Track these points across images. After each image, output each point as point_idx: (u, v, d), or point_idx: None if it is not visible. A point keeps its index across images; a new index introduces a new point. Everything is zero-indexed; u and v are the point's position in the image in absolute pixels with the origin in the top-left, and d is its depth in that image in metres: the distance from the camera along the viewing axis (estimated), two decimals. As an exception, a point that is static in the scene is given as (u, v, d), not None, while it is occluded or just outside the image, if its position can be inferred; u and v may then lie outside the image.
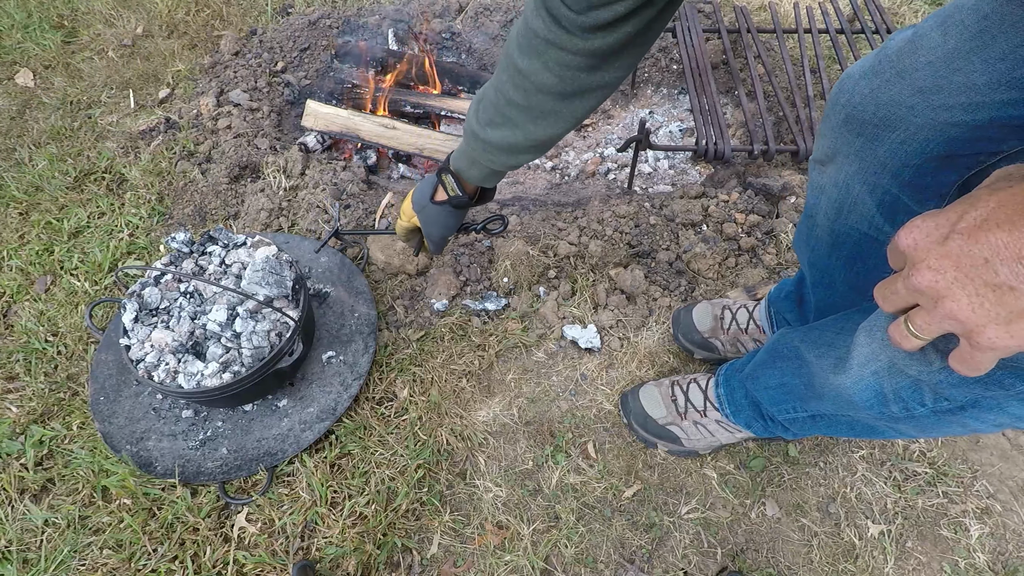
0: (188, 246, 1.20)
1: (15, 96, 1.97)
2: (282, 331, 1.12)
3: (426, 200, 1.06)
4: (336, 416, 1.20)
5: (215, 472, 1.15)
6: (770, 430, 1.04)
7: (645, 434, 1.19)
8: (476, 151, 0.91)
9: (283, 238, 1.48)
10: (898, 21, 2.09)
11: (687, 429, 1.15)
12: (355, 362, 1.27)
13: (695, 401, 1.15)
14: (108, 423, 1.22)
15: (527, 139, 0.83)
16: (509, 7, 2.04)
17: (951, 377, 0.57)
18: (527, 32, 0.71)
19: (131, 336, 1.11)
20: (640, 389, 1.22)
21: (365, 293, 1.36)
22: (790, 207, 1.51)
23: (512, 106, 0.79)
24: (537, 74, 0.73)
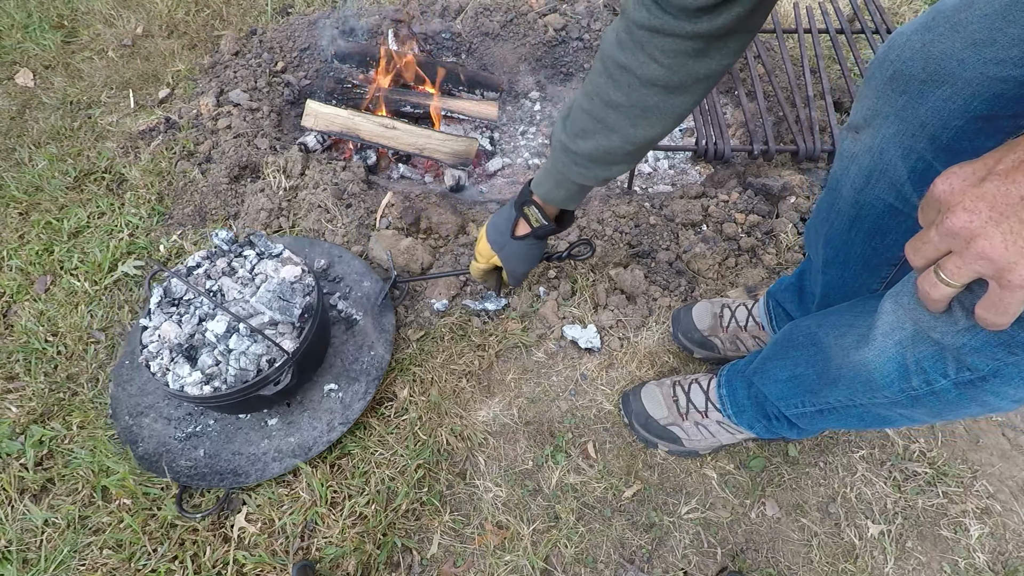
0: (228, 245, 1.21)
1: (15, 96, 1.97)
2: (276, 358, 1.07)
3: (505, 237, 1.02)
4: (307, 456, 1.15)
5: (183, 472, 1.15)
6: (773, 430, 1.04)
7: (646, 434, 1.19)
8: (566, 167, 0.89)
9: (336, 251, 1.44)
10: (898, 21, 2.09)
11: (688, 430, 1.15)
12: (349, 405, 1.21)
13: (696, 402, 1.14)
14: (121, 388, 1.25)
15: (625, 143, 0.82)
16: (509, 7, 2.05)
17: (975, 339, 0.57)
18: (627, 27, 0.71)
19: (151, 318, 1.12)
20: (642, 389, 1.22)
21: (388, 333, 1.30)
22: (790, 207, 1.51)
23: (611, 108, 0.78)
24: (643, 66, 0.72)
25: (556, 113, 2.04)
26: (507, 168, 1.91)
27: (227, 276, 1.16)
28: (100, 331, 1.39)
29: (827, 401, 0.87)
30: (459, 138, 1.70)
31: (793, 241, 1.46)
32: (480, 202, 1.67)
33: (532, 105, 2.06)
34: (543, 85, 2.07)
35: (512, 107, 2.06)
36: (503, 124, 2.01)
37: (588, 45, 2.02)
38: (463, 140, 1.70)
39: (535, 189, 0.98)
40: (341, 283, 1.39)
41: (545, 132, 2.00)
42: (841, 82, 1.82)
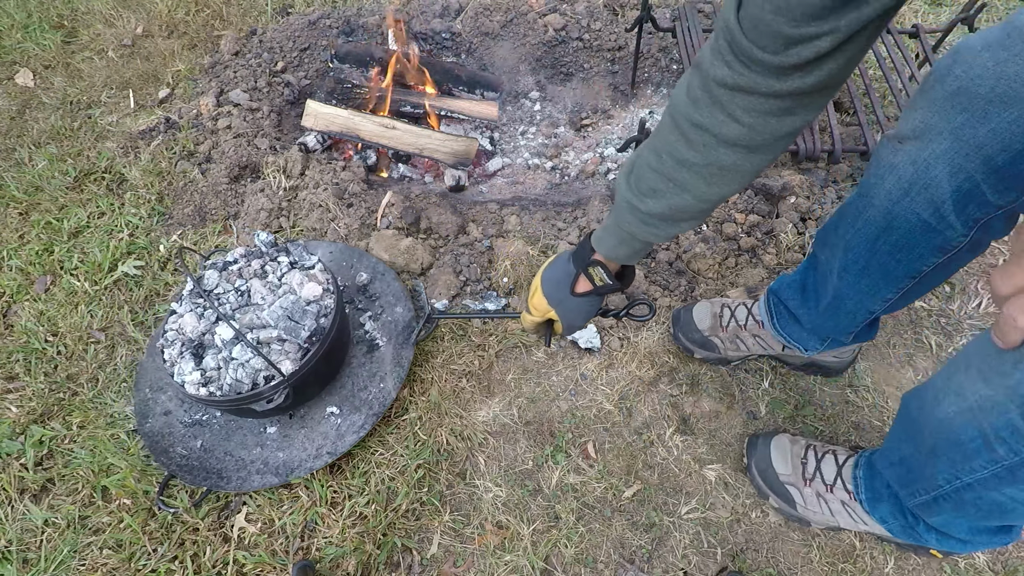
0: (267, 247, 1.21)
1: (15, 96, 1.97)
2: (273, 377, 1.06)
3: (564, 293, 0.98)
4: (286, 479, 1.13)
5: (175, 460, 1.16)
6: (910, 531, 0.96)
7: (761, 482, 1.13)
8: (632, 225, 0.84)
9: (380, 268, 1.40)
10: (898, 21, 2.09)
11: (807, 496, 1.09)
12: (342, 435, 1.18)
13: (826, 473, 1.08)
14: (151, 358, 1.27)
15: (698, 201, 0.77)
16: (509, 7, 2.05)
17: None
18: (704, 83, 0.67)
19: (181, 305, 1.13)
20: (774, 437, 1.16)
21: (402, 368, 1.26)
22: (790, 207, 1.51)
23: (684, 167, 0.74)
24: (721, 126, 0.68)
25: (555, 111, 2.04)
26: (507, 168, 1.91)
27: (258, 278, 1.16)
28: (100, 331, 1.39)
29: (935, 482, 0.83)
30: (459, 138, 1.70)
31: (793, 241, 1.46)
32: (480, 202, 1.67)
33: (532, 105, 2.06)
34: (543, 85, 2.07)
35: (512, 107, 2.06)
36: (503, 124, 2.01)
37: (588, 45, 2.02)
38: (463, 140, 1.70)
39: (596, 246, 0.92)
40: (376, 302, 1.36)
41: (545, 132, 2.00)
42: (841, 82, 1.82)
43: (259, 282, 1.15)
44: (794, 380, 1.30)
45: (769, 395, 1.28)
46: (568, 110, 2.05)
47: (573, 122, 2.04)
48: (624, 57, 2.01)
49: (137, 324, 1.41)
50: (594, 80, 2.04)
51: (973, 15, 1.62)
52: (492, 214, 1.57)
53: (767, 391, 1.28)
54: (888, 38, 1.64)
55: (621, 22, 2.03)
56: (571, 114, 2.05)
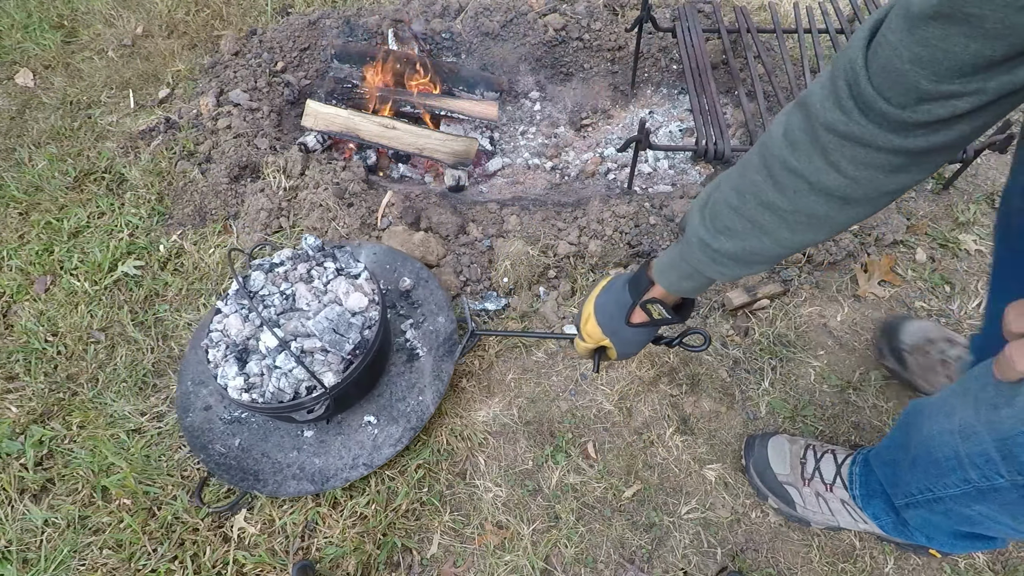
0: (314, 251, 1.20)
1: (15, 96, 1.97)
2: (315, 388, 1.05)
3: (619, 323, 0.94)
4: (322, 488, 1.12)
5: (213, 457, 1.16)
6: (902, 529, 0.96)
7: (759, 483, 1.13)
8: (702, 263, 0.79)
9: (424, 275, 1.38)
10: (898, 21, 2.09)
11: (806, 496, 1.08)
12: (379, 447, 1.17)
13: (825, 472, 1.07)
14: (195, 351, 1.28)
15: (776, 246, 0.71)
16: (509, 7, 2.04)
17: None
18: (809, 126, 0.60)
19: (226, 304, 1.13)
20: (771, 437, 1.15)
21: (442, 383, 1.24)
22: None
23: (767, 209, 0.68)
24: (819, 173, 0.61)
25: (555, 111, 2.04)
26: (507, 168, 1.91)
27: (303, 282, 1.16)
28: (100, 331, 1.39)
29: (910, 489, 0.83)
30: (459, 138, 1.70)
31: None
32: (480, 202, 1.67)
33: (532, 105, 2.06)
34: (543, 85, 2.07)
35: (512, 107, 2.06)
36: (503, 124, 2.01)
37: (588, 45, 2.02)
38: (463, 140, 1.70)
39: (658, 279, 0.87)
40: (418, 310, 1.35)
41: (545, 132, 2.00)
42: (841, 82, 1.82)
43: (304, 286, 1.14)
44: (794, 380, 1.30)
45: (769, 395, 1.28)
46: (568, 110, 2.05)
47: (573, 122, 2.04)
48: (624, 57, 2.01)
49: (137, 324, 1.41)
50: (594, 80, 2.04)
51: (973, 15, 1.62)
52: (492, 214, 1.57)
53: (767, 391, 1.28)
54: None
55: (621, 22, 2.03)
56: (571, 114, 2.05)
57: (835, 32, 1.69)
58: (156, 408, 1.29)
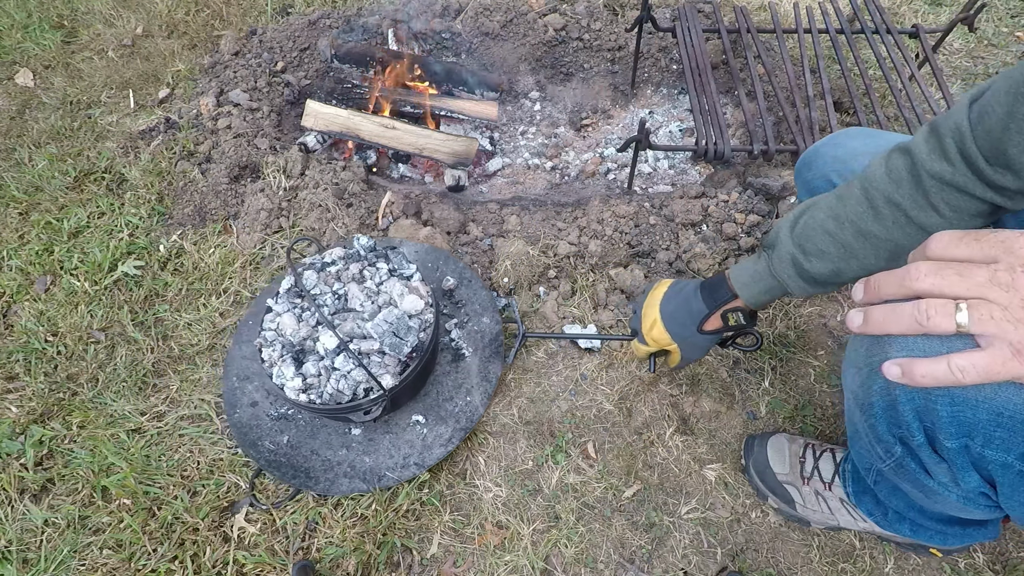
0: (366, 251, 1.20)
1: (15, 96, 1.97)
2: (374, 388, 1.05)
3: (689, 330, 0.98)
4: (376, 485, 1.12)
5: (263, 454, 1.16)
6: (890, 520, 0.96)
7: (759, 483, 1.13)
8: (790, 279, 0.85)
9: (467, 274, 1.38)
10: (898, 21, 2.09)
11: (805, 496, 1.09)
12: (429, 447, 1.16)
13: (824, 471, 1.08)
14: (239, 346, 1.28)
15: (860, 271, 0.79)
16: (509, 7, 2.04)
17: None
18: (914, 171, 0.69)
19: (277, 302, 1.13)
20: (771, 437, 1.16)
21: (490, 384, 1.23)
22: (790, 207, 1.51)
23: (863, 237, 0.76)
24: (918, 210, 0.70)
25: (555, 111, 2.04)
26: (507, 168, 1.91)
27: (356, 282, 1.16)
28: (100, 331, 1.39)
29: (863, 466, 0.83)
30: (459, 138, 1.70)
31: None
32: (480, 202, 1.67)
33: (532, 105, 2.06)
34: (543, 85, 2.07)
35: (512, 107, 2.06)
36: (503, 124, 2.01)
37: (588, 45, 2.02)
38: (463, 140, 1.70)
39: (740, 291, 0.92)
40: (462, 309, 1.34)
41: (545, 132, 2.00)
42: (841, 82, 1.82)
43: (356, 286, 1.14)
44: (794, 380, 1.30)
45: (769, 395, 1.28)
46: (568, 110, 2.05)
47: (573, 122, 2.04)
48: (624, 57, 2.01)
49: (137, 324, 1.41)
50: (594, 80, 2.04)
51: (973, 15, 1.62)
52: (492, 214, 1.57)
53: (767, 391, 1.28)
54: (888, 38, 1.64)
55: (621, 22, 2.03)
56: (571, 114, 2.05)
57: (835, 32, 1.69)
58: (156, 408, 1.29)
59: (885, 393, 0.62)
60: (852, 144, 0.96)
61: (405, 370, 1.08)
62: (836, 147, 0.97)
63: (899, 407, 0.61)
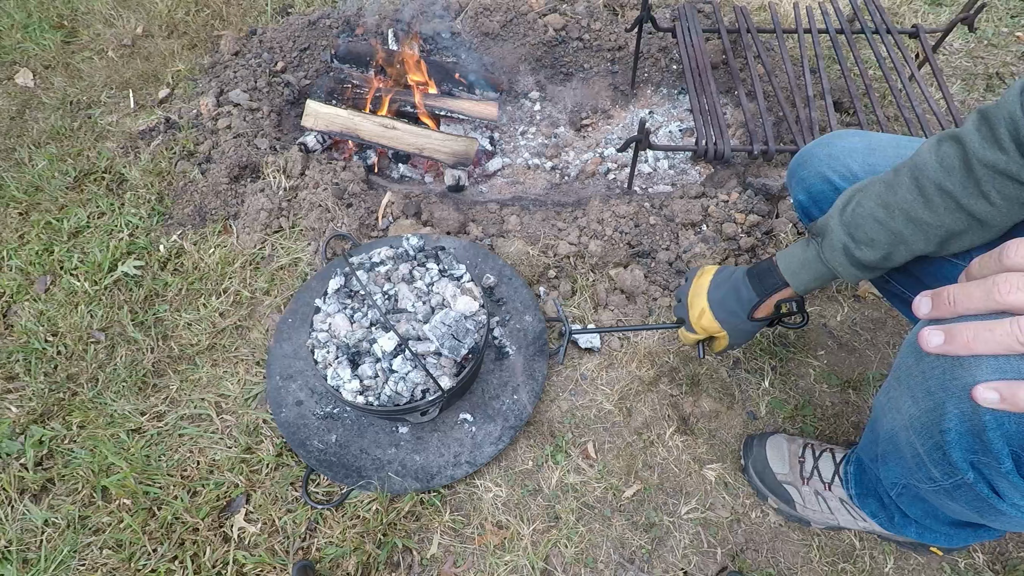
0: (415, 251, 1.20)
1: (15, 96, 1.97)
2: (430, 390, 1.05)
3: (740, 317, 0.99)
4: (427, 486, 1.13)
5: (313, 454, 1.16)
6: (896, 524, 0.96)
7: (759, 483, 1.13)
8: (841, 267, 0.86)
9: (507, 272, 1.38)
10: (898, 21, 2.09)
11: (805, 495, 1.09)
12: (479, 445, 1.17)
13: (823, 471, 1.08)
14: (280, 345, 1.28)
15: (908, 255, 0.81)
16: (509, 7, 2.04)
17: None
18: (966, 160, 0.70)
19: (326, 302, 1.13)
20: (769, 437, 1.16)
21: (537, 383, 1.23)
22: (789, 207, 1.51)
23: (913, 224, 0.77)
24: (970, 197, 0.71)
25: (555, 111, 2.04)
26: (507, 168, 1.91)
27: (405, 283, 1.15)
28: (100, 331, 1.39)
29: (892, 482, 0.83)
30: (459, 138, 1.70)
31: (793, 241, 1.46)
32: (480, 202, 1.67)
33: (532, 105, 2.06)
34: (543, 85, 2.07)
35: (512, 107, 2.06)
36: (503, 124, 2.01)
37: (588, 45, 2.02)
38: (463, 140, 1.70)
39: (791, 280, 0.93)
40: (503, 307, 1.34)
41: (545, 132, 2.00)
42: (841, 82, 1.82)
43: (406, 287, 1.14)
44: (794, 380, 1.30)
45: (769, 395, 1.28)
46: (568, 110, 2.05)
47: (573, 122, 2.04)
48: (624, 57, 2.01)
49: (137, 324, 1.41)
50: (594, 80, 2.04)
51: (973, 15, 1.62)
52: (492, 214, 1.57)
53: (767, 391, 1.28)
54: (888, 38, 1.64)
55: (621, 22, 2.03)
56: (571, 114, 2.05)
57: (835, 32, 1.69)
58: (156, 408, 1.29)
59: (966, 419, 0.59)
60: (844, 143, 0.97)
61: (461, 371, 1.08)
62: (829, 146, 0.98)
63: (986, 434, 0.58)
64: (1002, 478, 0.60)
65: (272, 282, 1.45)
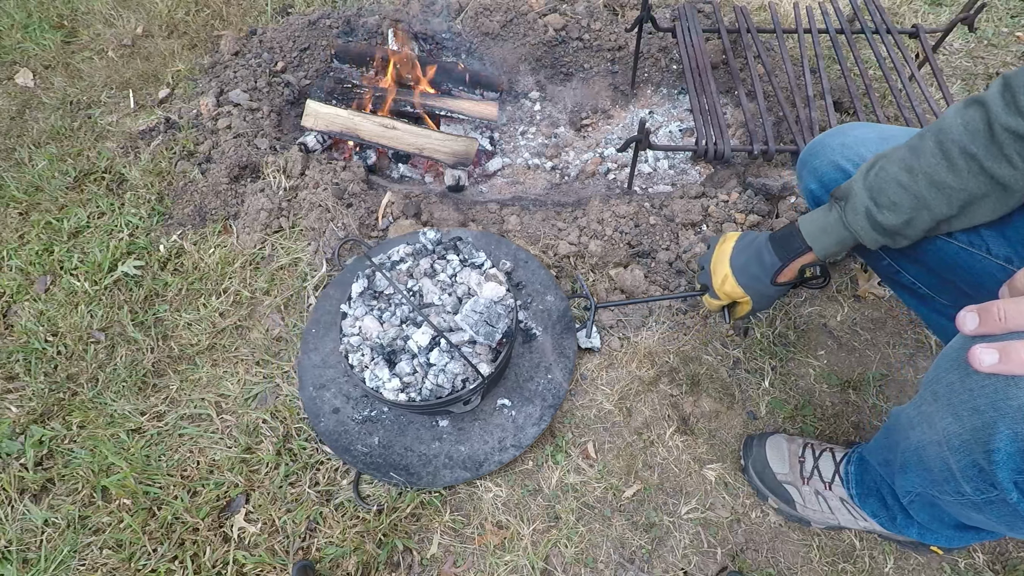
0: (433, 245, 1.20)
1: (15, 96, 1.97)
2: (469, 379, 1.06)
3: (762, 282, 1.00)
4: (478, 473, 1.13)
5: (359, 458, 1.16)
6: (898, 524, 0.97)
7: (759, 483, 1.14)
8: (863, 231, 0.86)
9: (522, 255, 1.39)
10: (898, 21, 2.09)
11: (805, 495, 1.09)
12: (522, 427, 1.18)
13: (823, 470, 1.08)
14: (308, 355, 1.27)
15: (932, 221, 0.81)
16: (509, 7, 2.04)
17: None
18: (989, 124, 0.71)
19: (351, 306, 1.13)
20: (769, 437, 1.16)
21: (568, 360, 1.24)
22: (789, 207, 1.51)
23: (936, 188, 0.78)
24: (993, 160, 0.72)
25: (555, 111, 2.04)
26: (507, 168, 1.91)
27: (428, 277, 1.16)
28: (100, 331, 1.39)
29: (908, 489, 0.83)
30: (459, 138, 1.70)
31: (793, 241, 1.46)
32: (480, 202, 1.67)
33: (532, 105, 2.06)
34: (543, 85, 2.07)
35: (512, 107, 2.06)
36: (503, 124, 2.01)
37: (588, 45, 2.02)
38: (463, 140, 1.70)
39: (813, 244, 0.93)
40: (523, 291, 1.34)
41: (545, 132, 2.00)
42: (841, 82, 1.82)
43: (430, 281, 1.14)
44: (794, 380, 1.30)
45: (769, 395, 1.28)
46: (568, 110, 2.05)
47: (573, 122, 2.04)
48: (624, 57, 2.01)
49: (137, 324, 1.41)
50: (594, 80, 2.04)
51: (973, 15, 1.62)
52: (492, 214, 1.57)
53: (767, 391, 1.28)
54: (888, 38, 1.64)
55: (621, 22, 2.03)
56: (571, 114, 2.05)
57: (835, 32, 1.69)
58: (156, 408, 1.29)
59: (1019, 440, 0.58)
60: (857, 133, 0.97)
61: (497, 356, 1.09)
62: (843, 136, 0.98)
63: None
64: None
65: (272, 282, 1.45)
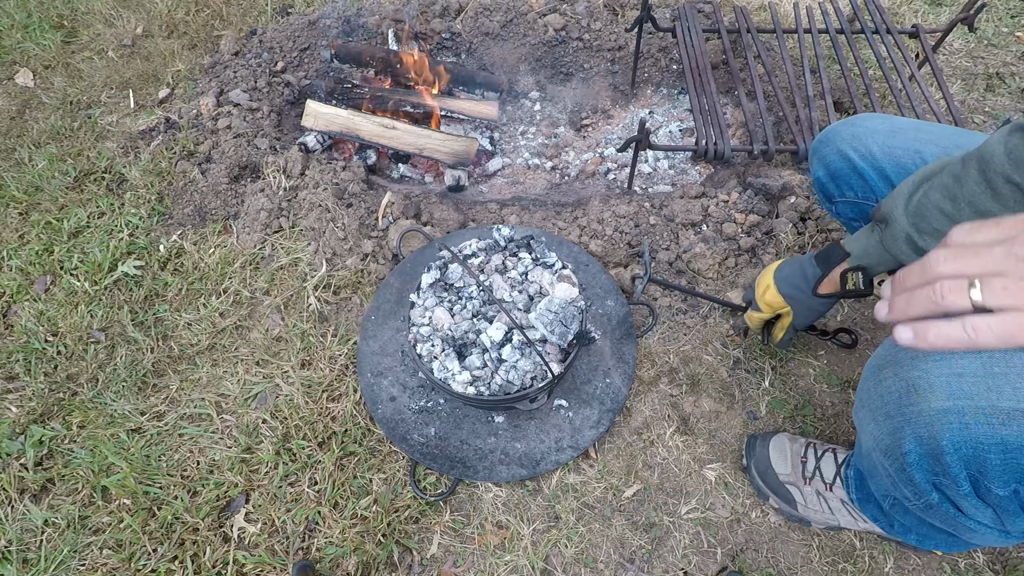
0: (506, 242, 1.20)
1: (15, 96, 1.97)
2: (538, 377, 1.06)
3: (805, 293, 1.01)
4: (534, 472, 1.14)
5: (415, 447, 1.16)
6: (897, 529, 0.97)
7: (761, 483, 1.14)
8: (903, 254, 0.86)
9: (584, 258, 1.39)
10: (898, 21, 2.09)
11: (807, 496, 1.09)
12: (579, 429, 1.18)
13: (825, 471, 1.08)
14: (367, 342, 1.28)
15: None
16: (509, 7, 2.04)
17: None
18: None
19: (420, 296, 1.13)
20: (772, 437, 1.16)
21: (628, 365, 1.25)
22: (790, 207, 1.51)
23: (980, 216, 0.74)
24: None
25: (555, 111, 2.04)
26: (507, 168, 1.91)
27: (498, 273, 1.16)
28: (100, 331, 1.39)
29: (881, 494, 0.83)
30: (459, 138, 1.70)
31: (792, 241, 1.46)
32: (480, 202, 1.67)
33: (532, 105, 2.06)
34: (543, 85, 2.07)
35: (512, 107, 2.06)
36: (503, 124, 2.01)
37: (588, 45, 2.02)
38: (463, 140, 1.70)
39: (861, 261, 0.95)
40: (583, 293, 1.32)
41: (545, 132, 2.00)
42: (841, 82, 1.82)
43: (500, 278, 1.14)
44: (794, 380, 1.30)
45: (769, 395, 1.28)
46: (568, 110, 2.05)
47: (573, 122, 2.04)
48: (624, 57, 2.01)
49: (137, 324, 1.41)
50: (594, 80, 2.04)
51: (973, 15, 1.62)
52: (492, 214, 1.57)
53: (767, 391, 1.28)
54: (888, 38, 1.64)
55: (621, 22, 2.03)
56: (571, 114, 2.05)
57: (835, 32, 1.69)
58: (156, 408, 1.29)
59: (923, 442, 0.60)
60: (868, 124, 0.98)
61: (566, 357, 1.09)
62: (854, 126, 0.99)
63: (944, 457, 0.59)
64: (963, 499, 0.62)
65: (272, 282, 1.45)
